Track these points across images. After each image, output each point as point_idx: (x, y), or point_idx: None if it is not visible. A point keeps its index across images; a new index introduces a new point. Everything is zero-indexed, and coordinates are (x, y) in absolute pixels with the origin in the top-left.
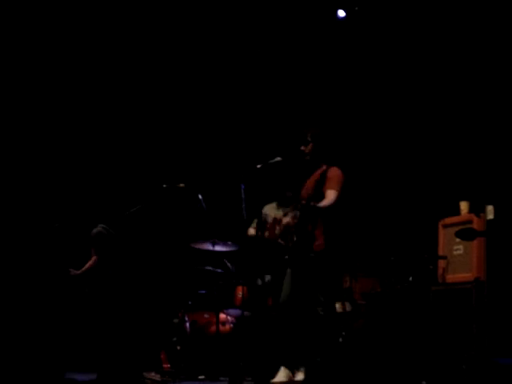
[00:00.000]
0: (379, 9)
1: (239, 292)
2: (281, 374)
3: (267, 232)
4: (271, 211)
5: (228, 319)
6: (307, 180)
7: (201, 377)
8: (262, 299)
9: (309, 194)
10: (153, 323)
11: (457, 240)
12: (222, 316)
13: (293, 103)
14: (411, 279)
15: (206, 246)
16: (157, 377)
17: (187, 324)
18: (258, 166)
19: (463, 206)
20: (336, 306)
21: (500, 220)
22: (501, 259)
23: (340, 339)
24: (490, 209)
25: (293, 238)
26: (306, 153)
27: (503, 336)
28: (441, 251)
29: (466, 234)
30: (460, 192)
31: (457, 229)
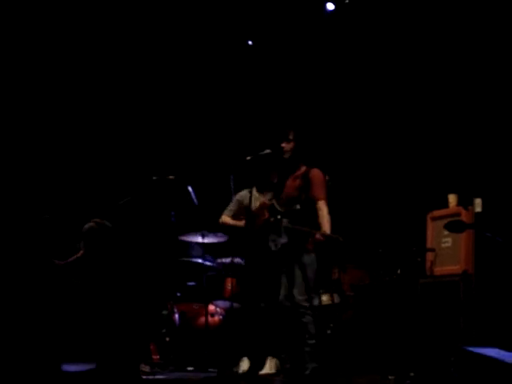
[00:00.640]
0: (369, 2)
1: (228, 284)
2: (268, 366)
3: (258, 219)
4: (253, 199)
5: (217, 311)
6: (286, 179)
7: (190, 368)
8: (252, 291)
9: (291, 195)
10: (142, 315)
11: (445, 233)
12: (211, 308)
13: (281, 96)
14: (399, 271)
15: (196, 238)
16: (146, 368)
17: (176, 316)
18: (248, 158)
19: (451, 199)
20: (324, 298)
21: (488, 213)
22: (489, 252)
23: (328, 331)
24: (478, 202)
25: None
26: (286, 151)
27: (490, 328)
28: (429, 244)
29: (455, 227)
30: (448, 185)
31: (445, 221)
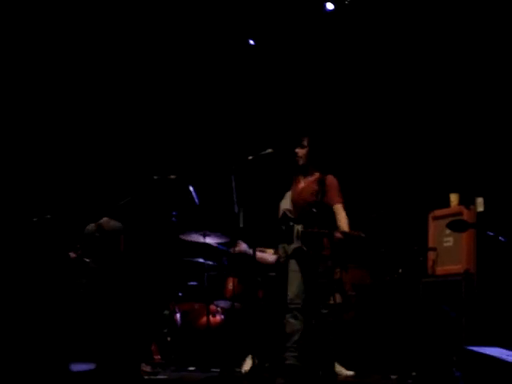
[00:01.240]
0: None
1: (230, 284)
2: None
3: None
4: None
5: (218, 310)
6: (297, 183)
7: (191, 368)
8: (254, 292)
9: (307, 200)
10: (143, 315)
11: (447, 232)
12: (213, 307)
13: (283, 97)
14: (401, 271)
15: (197, 238)
16: (148, 368)
17: (178, 315)
18: (250, 158)
19: (453, 198)
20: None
21: (490, 212)
22: (490, 251)
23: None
24: (480, 201)
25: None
26: (300, 156)
27: (492, 327)
28: (431, 243)
29: (457, 226)
30: (450, 184)
31: (447, 221)
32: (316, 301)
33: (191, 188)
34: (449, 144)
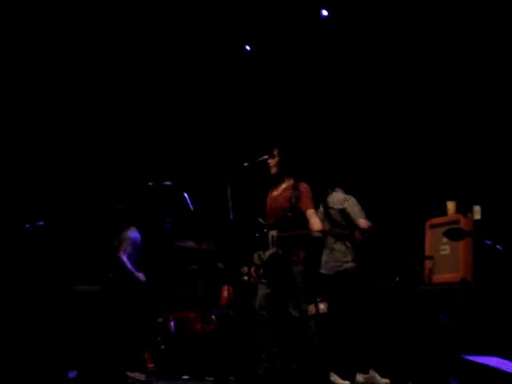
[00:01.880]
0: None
1: (224, 291)
2: None
3: None
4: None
5: (212, 318)
6: (271, 191)
7: (185, 376)
8: (247, 298)
9: (281, 207)
10: (137, 322)
11: (443, 240)
12: (207, 315)
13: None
14: (398, 279)
15: (192, 245)
16: (141, 377)
17: (171, 323)
18: (245, 164)
19: (450, 206)
20: (321, 307)
21: (487, 220)
22: (487, 260)
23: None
24: (477, 209)
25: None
26: (271, 166)
27: (489, 336)
28: (427, 251)
29: (454, 234)
30: (447, 192)
31: (444, 229)
32: (288, 307)
33: (186, 195)
34: (446, 152)
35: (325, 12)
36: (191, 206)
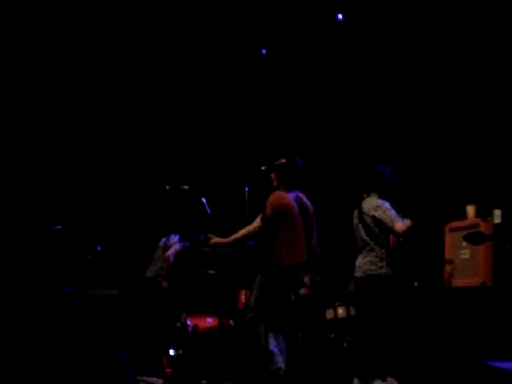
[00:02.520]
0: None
1: (242, 296)
2: None
3: None
4: None
5: (230, 323)
6: None
7: (203, 381)
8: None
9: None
10: (155, 327)
11: (463, 244)
12: (225, 320)
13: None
14: (417, 284)
15: (208, 249)
16: (159, 382)
17: (189, 328)
18: (263, 168)
19: (470, 210)
20: (340, 311)
21: (507, 224)
22: (508, 264)
23: (344, 344)
24: (498, 213)
25: None
26: (272, 179)
27: (510, 341)
28: (447, 255)
29: (474, 238)
30: (467, 195)
31: (463, 233)
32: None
33: (203, 199)
34: (465, 155)
35: (340, 16)
36: (209, 210)
